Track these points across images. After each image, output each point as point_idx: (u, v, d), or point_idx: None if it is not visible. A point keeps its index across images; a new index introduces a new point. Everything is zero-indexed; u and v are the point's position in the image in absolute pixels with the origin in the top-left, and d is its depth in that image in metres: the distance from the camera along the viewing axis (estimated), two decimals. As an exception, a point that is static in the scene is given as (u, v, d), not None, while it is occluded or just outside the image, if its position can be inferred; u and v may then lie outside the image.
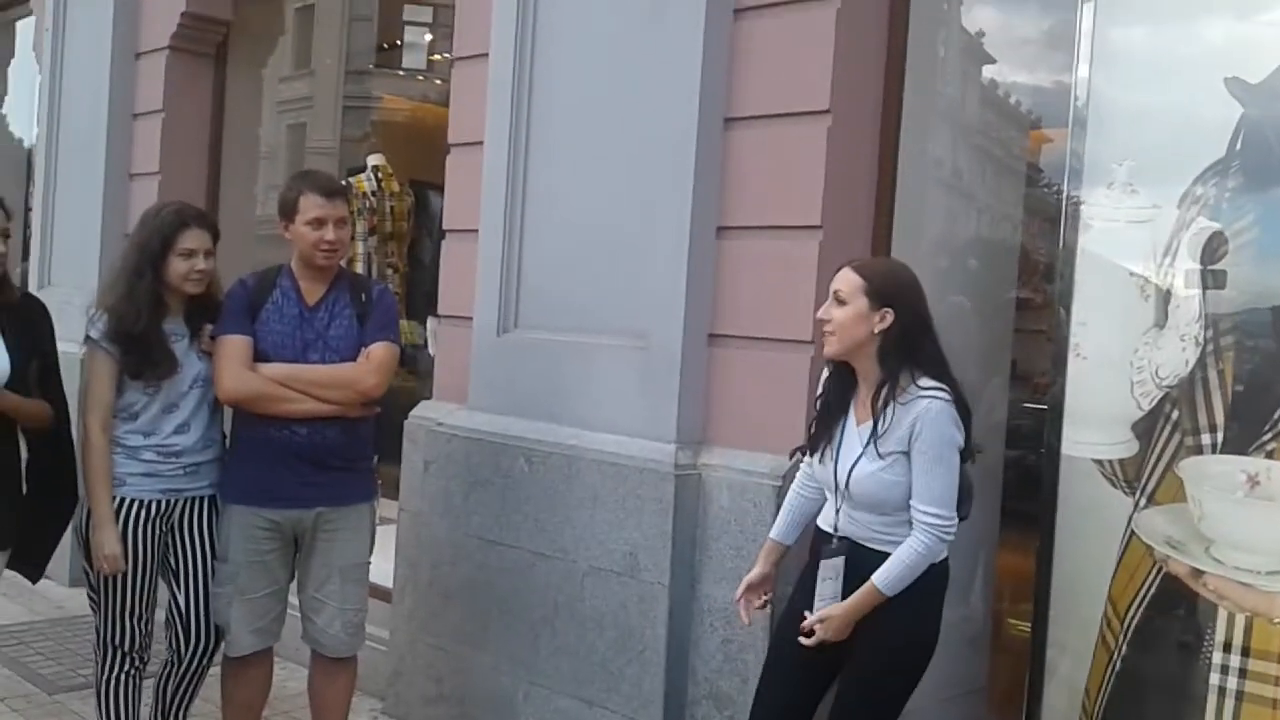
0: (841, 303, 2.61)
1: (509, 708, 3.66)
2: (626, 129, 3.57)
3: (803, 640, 2.59)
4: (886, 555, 2.59)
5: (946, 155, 3.88)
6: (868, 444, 2.59)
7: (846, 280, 2.63)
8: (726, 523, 3.29)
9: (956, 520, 2.58)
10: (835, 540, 2.68)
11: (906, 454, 2.55)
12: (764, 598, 2.87)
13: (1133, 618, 3.05)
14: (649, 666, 3.32)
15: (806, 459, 2.81)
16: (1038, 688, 3.21)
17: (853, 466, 2.61)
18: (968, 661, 3.93)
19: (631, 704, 3.35)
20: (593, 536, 3.47)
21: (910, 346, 2.61)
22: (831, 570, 2.63)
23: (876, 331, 2.60)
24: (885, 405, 2.57)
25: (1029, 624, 3.31)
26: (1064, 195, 3.25)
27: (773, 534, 2.90)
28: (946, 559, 2.67)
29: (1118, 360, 3.09)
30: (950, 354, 3.76)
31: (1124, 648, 3.06)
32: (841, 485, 2.63)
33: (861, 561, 2.64)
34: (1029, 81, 4.27)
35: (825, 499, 2.81)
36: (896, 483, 2.56)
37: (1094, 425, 3.13)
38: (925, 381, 2.58)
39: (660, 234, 3.44)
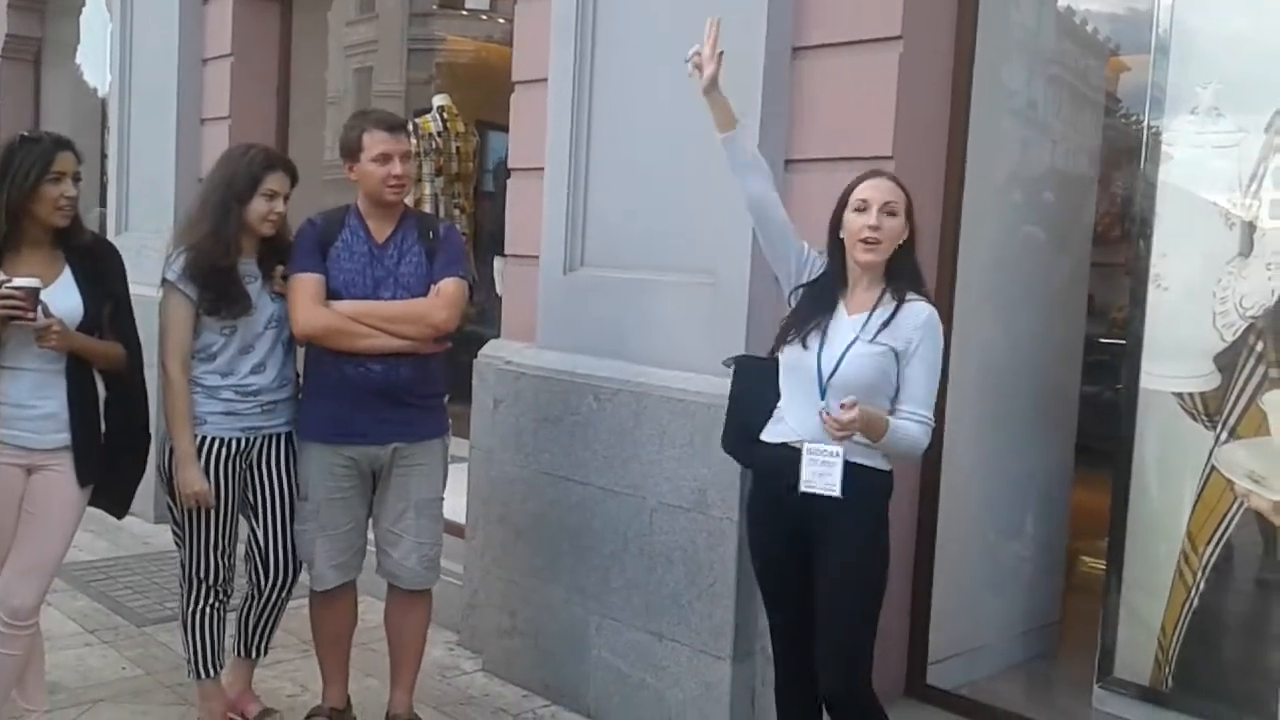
0: (894, 214, 2.65)
1: (581, 640, 3.72)
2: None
3: (830, 426, 2.50)
4: (859, 466, 2.58)
5: (1022, 84, 3.78)
6: (862, 328, 2.63)
7: (897, 194, 2.68)
8: (796, 458, 3.27)
9: None
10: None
11: (895, 354, 2.61)
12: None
13: (1211, 554, 3.01)
14: (719, 600, 3.34)
15: (785, 346, 2.73)
16: (1112, 623, 3.18)
17: (846, 349, 2.62)
18: (1041, 596, 3.91)
19: (701, 637, 3.39)
20: (661, 473, 3.49)
21: (914, 263, 2.73)
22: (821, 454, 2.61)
23: (900, 243, 2.68)
24: (885, 301, 2.65)
25: (1104, 560, 3.28)
26: (1144, 124, 3.16)
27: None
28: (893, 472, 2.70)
29: (1200, 291, 3.02)
30: (1025, 286, 3.74)
31: (1202, 584, 3.02)
32: (828, 371, 2.62)
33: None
34: (1105, 9, 4.14)
35: (768, 216, 2.82)
36: (881, 372, 2.61)
37: (1174, 358, 3.07)
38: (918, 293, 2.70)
39: (727, 169, 3.39)
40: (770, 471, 2.71)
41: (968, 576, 3.59)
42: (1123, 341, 3.24)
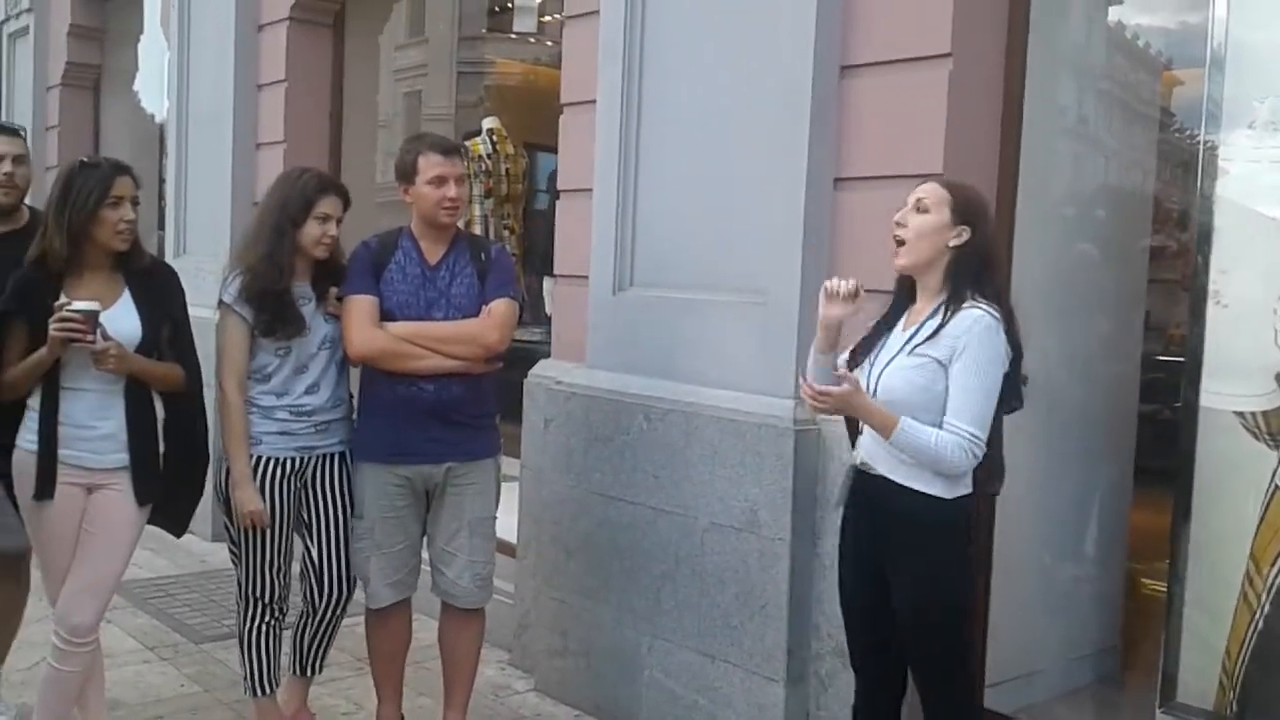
0: (923, 210, 2.54)
1: (633, 660, 3.71)
2: (740, 81, 3.53)
3: (805, 393, 2.49)
4: (897, 485, 2.49)
5: (1073, 100, 3.75)
6: (907, 341, 2.53)
7: (932, 191, 2.57)
8: (848, 478, 3.25)
9: (985, 446, 2.45)
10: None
11: (942, 365, 2.45)
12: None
13: (1276, 576, 2.94)
14: (771, 621, 3.32)
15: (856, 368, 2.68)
16: (1175, 647, 3.11)
17: (887, 364, 2.54)
18: (1101, 619, 3.84)
19: (754, 658, 3.37)
20: (712, 493, 3.48)
21: (979, 269, 2.54)
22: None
23: (951, 245, 2.53)
24: (941, 311, 2.51)
25: (1164, 583, 3.22)
26: (1200, 139, 3.11)
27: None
28: (968, 498, 2.53)
29: (1261, 307, 2.96)
30: (1082, 304, 3.69)
31: (1267, 607, 2.95)
32: (872, 385, 2.54)
33: (874, 490, 2.56)
34: (1157, 23, 4.09)
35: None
36: (922, 386, 2.46)
37: (1235, 376, 3.01)
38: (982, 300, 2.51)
39: (776, 187, 3.40)
40: (846, 491, 2.70)
41: (1025, 599, 3.54)
42: (1181, 359, 3.19)
